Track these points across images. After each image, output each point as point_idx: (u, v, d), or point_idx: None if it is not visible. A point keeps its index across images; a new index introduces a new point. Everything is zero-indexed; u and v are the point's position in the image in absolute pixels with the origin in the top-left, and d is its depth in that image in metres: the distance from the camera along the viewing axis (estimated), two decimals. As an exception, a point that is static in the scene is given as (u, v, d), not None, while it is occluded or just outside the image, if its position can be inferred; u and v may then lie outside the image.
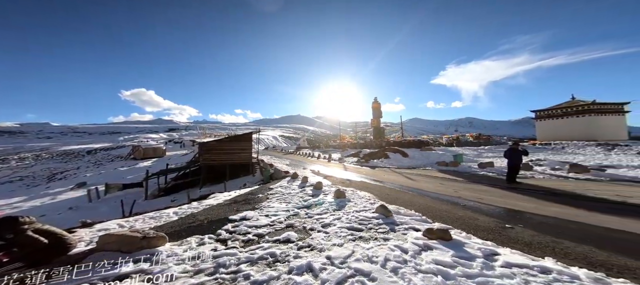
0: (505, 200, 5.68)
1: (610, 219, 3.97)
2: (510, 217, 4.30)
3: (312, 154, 29.86)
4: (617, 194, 5.90)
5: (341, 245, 2.96)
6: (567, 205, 5.04)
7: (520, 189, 7.06)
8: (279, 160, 21.80)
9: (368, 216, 4.09)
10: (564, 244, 3.00)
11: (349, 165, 17.08)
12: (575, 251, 2.79)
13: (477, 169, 12.13)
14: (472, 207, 5.14)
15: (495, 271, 2.21)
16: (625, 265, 2.43)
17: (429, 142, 26.75)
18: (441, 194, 6.69)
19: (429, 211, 4.75)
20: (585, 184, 7.55)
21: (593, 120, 28.16)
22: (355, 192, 6.15)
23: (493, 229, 3.65)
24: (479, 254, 2.59)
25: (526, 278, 2.02)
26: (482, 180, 9.12)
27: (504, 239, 3.23)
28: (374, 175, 10.95)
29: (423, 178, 9.99)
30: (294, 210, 4.77)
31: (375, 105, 29.15)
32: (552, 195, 6.18)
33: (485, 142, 29.96)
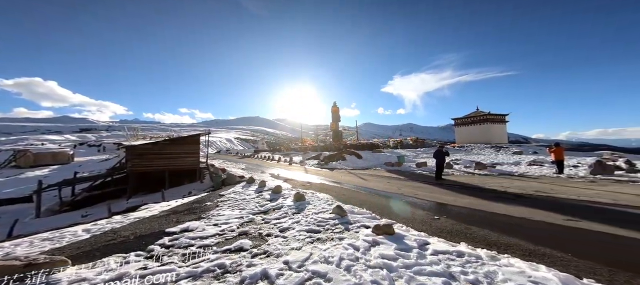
0: (434, 194, 6.64)
1: (498, 206, 5.03)
2: (438, 209, 5.03)
3: (272, 157, 28.33)
4: (502, 185, 7.57)
5: (299, 249, 2.95)
6: (474, 196, 6.20)
7: (444, 184, 8.35)
8: (234, 165, 20.13)
9: (326, 217, 4.19)
10: (472, 229, 3.68)
11: (310, 167, 16.82)
12: (479, 235, 3.45)
13: (415, 168, 13.83)
14: (411, 202, 5.82)
15: (426, 259, 2.55)
16: (508, 243, 3.13)
17: (379, 145, 29.19)
18: (388, 191, 7.37)
19: (378, 208, 5.16)
20: (484, 178, 9.45)
21: (488, 127, 35.45)
22: (315, 194, 6.21)
23: (425, 221, 4.22)
24: (415, 245, 2.95)
25: (448, 262, 2.41)
26: (419, 177, 10.44)
27: (434, 229, 3.76)
28: (332, 177, 11.28)
29: (374, 178, 10.82)
30: (249, 216, 4.50)
31: (334, 110, 30.12)
32: (465, 188, 7.51)
33: (421, 145, 34.47)
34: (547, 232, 3.48)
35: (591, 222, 3.74)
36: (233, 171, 14.33)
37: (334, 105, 29.53)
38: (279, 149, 44.86)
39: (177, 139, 19.67)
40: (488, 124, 35.12)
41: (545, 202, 5.35)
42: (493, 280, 2.01)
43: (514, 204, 5.16)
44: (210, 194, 8.34)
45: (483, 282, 2.00)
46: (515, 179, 8.93)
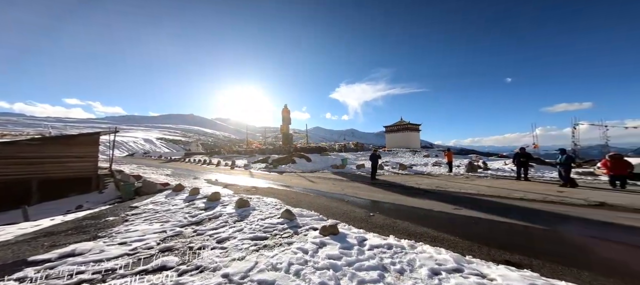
0: (370, 193, 7.43)
1: (414, 200, 6.09)
2: (373, 207, 5.66)
3: (209, 161, 24.55)
4: (416, 182, 9.24)
5: (243, 259, 2.73)
6: (398, 193, 7.29)
7: (377, 184, 9.47)
8: (155, 171, 16.49)
9: (274, 222, 4.05)
10: (397, 222, 4.31)
11: (257, 171, 15.65)
12: (402, 227, 4.08)
13: (355, 170, 15.12)
14: (352, 201, 6.31)
15: (365, 255, 2.82)
16: (421, 232, 3.83)
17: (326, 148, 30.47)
18: (333, 192, 7.77)
19: (325, 209, 5.35)
20: (405, 177, 11.29)
21: (408, 134, 42.57)
22: (262, 199, 5.91)
23: (363, 219, 4.66)
24: (355, 242, 3.21)
25: (381, 255, 2.74)
26: (358, 178, 11.46)
27: (370, 226, 4.19)
28: (282, 180, 11.02)
29: (322, 180, 11.19)
30: (175, 229, 3.86)
31: (285, 112, 29.37)
32: (392, 186, 8.74)
33: (361, 148, 38.05)
34: (444, 220, 4.43)
35: (467, 209, 5.00)
36: (152, 178, 11.56)
37: (284, 108, 28.95)
38: (218, 151, 39.77)
39: (57, 138, 14.55)
40: (408, 131, 42.10)
41: (442, 195, 6.81)
42: (413, 266, 2.41)
43: (424, 198, 6.35)
44: (115, 206, 6.71)
45: (407, 270, 2.36)
46: (424, 177, 11.03)
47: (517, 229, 3.73)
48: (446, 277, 2.12)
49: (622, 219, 4.02)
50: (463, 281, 2.00)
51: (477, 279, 2.05)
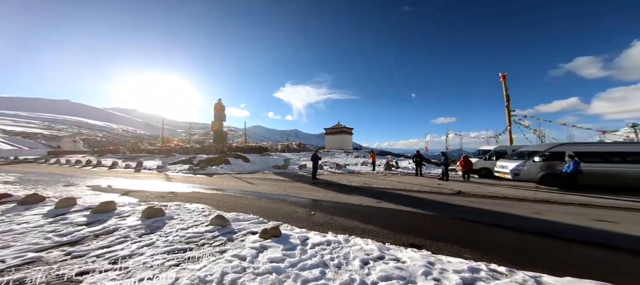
0: (311, 192, 7.73)
1: (347, 197, 6.81)
2: (314, 206, 5.91)
3: (96, 162, 19.51)
4: (349, 180, 10.40)
5: (155, 277, 2.24)
6: (335, 191, 7.95)
7: (318, 183, 9.96)
8: None
9: (200, 231, 3.54)
10: (335, 219, 4.70)
11: (176, 174, 13.14)
12: (338, 223, 4.48)
13: (298, 170, 15.29)
14: (294, 201, 6.35)
15: (307, 254, 2.90)
16: (354, 226, 4.33)
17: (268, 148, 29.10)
18: (275, 193, 7.55)
19: (266, 212, 5.13)
20: (340, 176, 12.45)
21: (344, 137, 47.17)
22: (183, 206, 5.00)
23: (305, 218, 4.78)
24: (298, 242, 3.26)
25: (322, 252, 2.90)
26: (300, 178, 11.66)
27: (311, 224, 4.35)
28: (212, 184, 9.67)
29: (262, 181, 10.63)
30: (27, 255, 2.66)
31: (218, 107, 25.50)
32: (330, 185, 9.43)
33: (304, 149, 38.78)
34: (369, 213, 5.16)
35: (386, 202, 6.07)
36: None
37: (218, 103, 25.29)
38: (114, 150, 30.28)
39: None
40: (343, 134, 46.56)
41: (368, 190, 7.97)
42: (348, 260, 2.69)
43: (355, 194, 7.22)
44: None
45: (343, 264, 2.60)
46: (355, 176, 12.55)
47: (416, 216, 4.85)
48: (373, 266, 2.50)
49: (470, 202, 6.00)
50: (385, 267, 2.41)
51: (394, 263, 2.53)
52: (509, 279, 2.13)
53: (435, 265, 2.41)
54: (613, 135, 18.07)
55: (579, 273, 2.32)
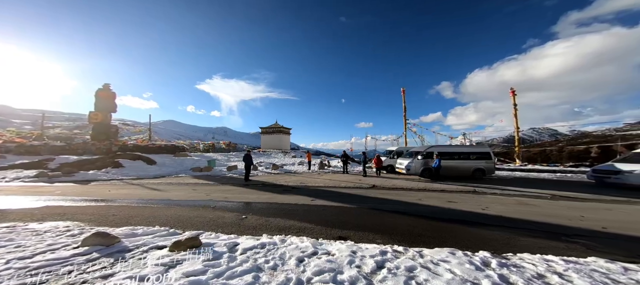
0: (242, 195, 7.02)
1: (283, 197, 6.70)
2: (246, 209, 5.38)
3: None
4: (286, 180, 10.32)
5: None
6: (271, 192, 7.62)
7: (251, 185, 9.21)
8: None
9: (64, 256, 2.50)
10: (270, 220, 4.46)
11: (9, 184, 8.94)
12: (274, 224, 4.28)
13: (226, 172, 13.54)
14: (221, 206, 5.54)
15: (237, 260, 2.57)
16: (290, 225, 4.27)
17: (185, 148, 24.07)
18: (194, 199, 6.33)
19: (180, 221, 4.21)
20: (277, 176, 12.13)
21: (281, 137, 46.52)
22: (23, 228, 3.45)
23: (235, 223, 4.27)
24: (225, 250, 2.84)
25: (255, 257, 2.64)
26: (229, 181, 10.37)
27: (242, 229, 3.92)
28: (86, 194, 6.99)
29: (175, 186, 8.68)
30: None
31: (104, 94, 18.38)
32: (265, 186, 8.95)
33: (234, 149, 34.86)
34: (305, 211, 5.26)
35: (320, 199, 6.40)
36: None
37: (104, 89, 18.34)
38: None
39: None
40: (281, 134, 45.87)
41: (304, 189, 8.17)
42: (284, 260, 2.58)
43: (292, 194, 7.21)
44: None
45: (279, 265, 2.47)
46: (292, 175, 12.59)
47: (343, 210, 5.38)
48: (308, 262, 2.52)
49: (380, 194, 7.30)
50: (318, 262, 2.49)
51: (326, 257, 2.67)
52: (405, 256, 2.69)
53: (357, 253, 2.72)
54: (455, 141, 27.40)
55: (441, 243, 3.25)
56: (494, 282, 2.09)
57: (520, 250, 2.90)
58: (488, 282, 2.11)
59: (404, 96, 27.94)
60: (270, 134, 45.15)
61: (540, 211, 5.09)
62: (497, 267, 2.36)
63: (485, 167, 11.39)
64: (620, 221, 4.41)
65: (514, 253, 2.80)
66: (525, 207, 5.50)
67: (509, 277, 2.17)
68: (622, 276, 2.19)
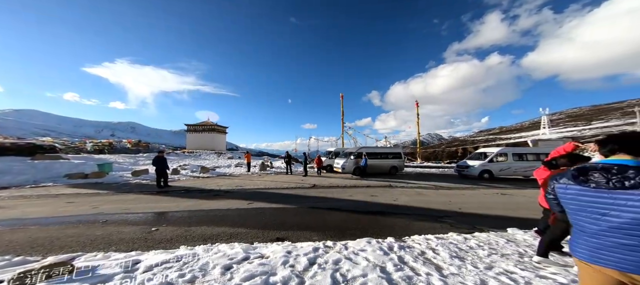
0: (155, 204, 5.73)
1: (213, 203, 5.97)
2: (157, 220, 4.41)
3: None
4: (218, 184, 9.22)
5: None
6: (196, 198, 6.59)
7: (169, 192, 7.64)
8: None
9: None
10: (192, 229, 3.84)
11: None
12: (197, 233, 3.71)
13: (130, 178, 10.66)
14: (116, 220, 4.31)
15: (136, 280, 2.08)
16: (219, 232, 3.83)
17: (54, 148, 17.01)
18: (70, 214, 4.66)
19: (39, 245, 3.02)
20: (207, 180, 10.63)
21: (214, 136, 41.11)
22: None
23: (139, 238, 3.43)
24: (119, 270, 2.24)
25: (164, 273, 2.21)
26: (134, 188, 8.22)
27: (150, 243, 3.20)
28: None
29: (33, 200, 6.12)
30: None
31: None
32: (190, 192, 7.64)
33: (145, 149, 27.76)
34: (240, 216, 4.87)
35: (258, 202, 6.10)
36: None
37: None
38: None
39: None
40: (215, 133, 40.57)
41: (240, 193, 7.56)
42: (206, 270, 2.30)
43: (224, 199, 6.51)
44: None
45: (199, 276, 2.18)
46: (227, 178, 11.37)
47: (283, 211, 5.35)
48: (237, 269, 2.35)
49: (320, 193, 7.79)
50: (249, 267, 2.37)
51: (259, 261, 2.58)
52: (333, 250, 2.91)
53: (292, 253, 2.79)
54: (379, 143, 33.08)
55: (364, 234, 3.51)
56: (395, 263, 2.54)
57: (413, 233, 3.57)
58: (391, 263, 2.50)
59: (342, 101, 30.93)
60: (200, 132, 39.25)
61: (428, 199, 6.61)
62: (397, 250, 2.89)
63: (397, 165, 13.92)
64: (469, 202, 6.22)
65: (409, 236, 3.42)
66: (420, 197, 6.99)
67: (404, 257, 2.71)
68: (462, 244, 3.21)
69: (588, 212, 1.12)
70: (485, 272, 2.34)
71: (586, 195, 1.13)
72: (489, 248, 2.97)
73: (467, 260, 2.58)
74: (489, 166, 11.74)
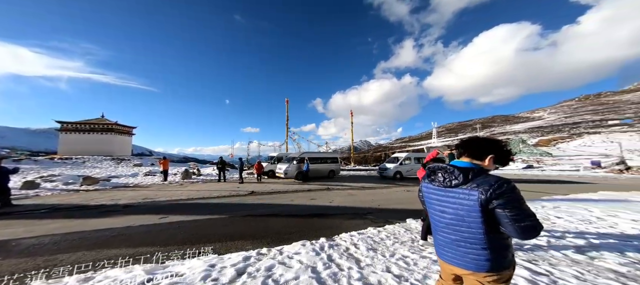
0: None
1: (102, 221, 4.48)
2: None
3: None
4: (113, 198, 7.06)
5: None
6: (70, 218, 4.74)
7: (15, 213, 5.17)
8: None
9: None
10: (59, 257, 2.74)
11: None
12: (69, 260, 2.67)
13: None
14: None
15: None
16: (107, 256, 2.89)
17: None
18: None
19: None
20: (93, 194, 7.91)
21: (113, 138, 31.56)
22: None
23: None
24: None
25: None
26: None
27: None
28: None
29: None
30: None
31: None
32: (55, 211, 5.43)
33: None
34: (145, 232, 3.89)
35: (175, 215, 5.03)
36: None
37: None
38: None
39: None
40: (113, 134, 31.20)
41: (149, 206, 6.06)
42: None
43: (121, 215, 5.03)
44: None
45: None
46: (129, 190, 8.85)
47: (211, 222, 4.66)
48: None
49: (259, 200, 7.30)
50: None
51: (169, 280, 2.13)
52: (267, 257, 2.80)
53: (216, 266, 2.49)
54: (322, 148, 35.11)
55: (302, 237, 3.45)
56: (324, 262, 2.66)
57: (343, 231, 3.76)
58: (321, 263, 2.58)
59: (287, 106, 31.03)
60: (87, 132, 29.55)
61: (357, 199, 7.20)
62: (327, 249, 2.94)
63: (335, 169, 14.99)
64: (385, 199, 7.08)
65: (338, 234, 3.58)
66: (351, 197, 7.56)
67: (332, 255, 2.88)
68: (376, 237, 3.45)
69: (435, 208, 1.20)
70: (389, 259, 2.75)
71: (433, 192, 1.21)
72: (394, 238, 3.46)
73: (379, 251, 2.99)
74: (400, 168, 14.14)
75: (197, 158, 36.47)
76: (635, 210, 4.98)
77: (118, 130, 32.25)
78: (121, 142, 32.61)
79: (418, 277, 2.29)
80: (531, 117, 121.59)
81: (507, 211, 0.98)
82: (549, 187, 10.59)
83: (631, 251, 2.90)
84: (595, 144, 41.48)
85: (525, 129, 78.30)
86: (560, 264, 2.58)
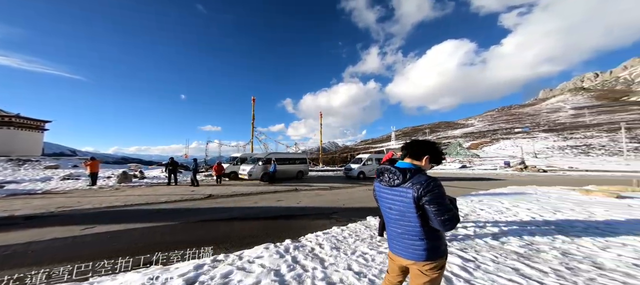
0: None
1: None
2: None
3: None
4: (5, 209, 5.49)
5: None
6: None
7: None
8: None
9: None
10: None
11: None
12: None
13: None
14: None
15: None
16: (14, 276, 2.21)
17: None
18: None
19: None
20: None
21: (12, 134, 24.47)
22: None
23: None
24: None
25: None
26: None
27: None
28: None
29: None
30: None
31: None
32: None
33: None
34: (61, 246, 3.14)
35: (104, 225, 4.17)
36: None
37: None
38: None
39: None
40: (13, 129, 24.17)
41: (66, 216, 4.90)
42: None
43: (23, 228, 3.92)
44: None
45: None
46: (36, 198, 6.98)
47: (154, 230, 4.03)
48: None
49: (218, 203, 6.66)
50: None
51: None
52: (224, 263, 2.59)
53: (159, 278, 2.18)
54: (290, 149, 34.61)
55: (266, 239, 3.34)
56: (289, 264, 2.54)
57: (309, 231, 3.71)
58: (285, 265, 2.52)
59: (253, 104, 29.37)
60: None
61: (324, 199, 7.32)
62: (292, 251, 2.90)
63: (303, 170, 14.93)
64: (350, 199, 7.25)
65: (304, 235, 3.53)
66: (319, 197, 7.64)
67: (297, 256, 2.76)
68: (340, 235, 3.50)
69: (384, 205, 1.32)
70: (350, 257, 2.78)
71: (382, 191, 1.33)
72: (355, 235, 3.57)
73: (341, 249, 3.06)
74: (363, 168, 14.81)
75: (141, 159, 30.94)
76: (529, 200, 6.22)
77: (20, 124, 25.05)
78: (25, 139, 25.46)
79: (375, 272, 2.42)
80: (466, 124, 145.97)
81: (432, 206, 1.12)
82: (476, 183, 12.55)
83: (526, 235, 3.48)
84: (507, 148, 52.48)
85: (462, 134, 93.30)
86: (482, 250, 2.94)
